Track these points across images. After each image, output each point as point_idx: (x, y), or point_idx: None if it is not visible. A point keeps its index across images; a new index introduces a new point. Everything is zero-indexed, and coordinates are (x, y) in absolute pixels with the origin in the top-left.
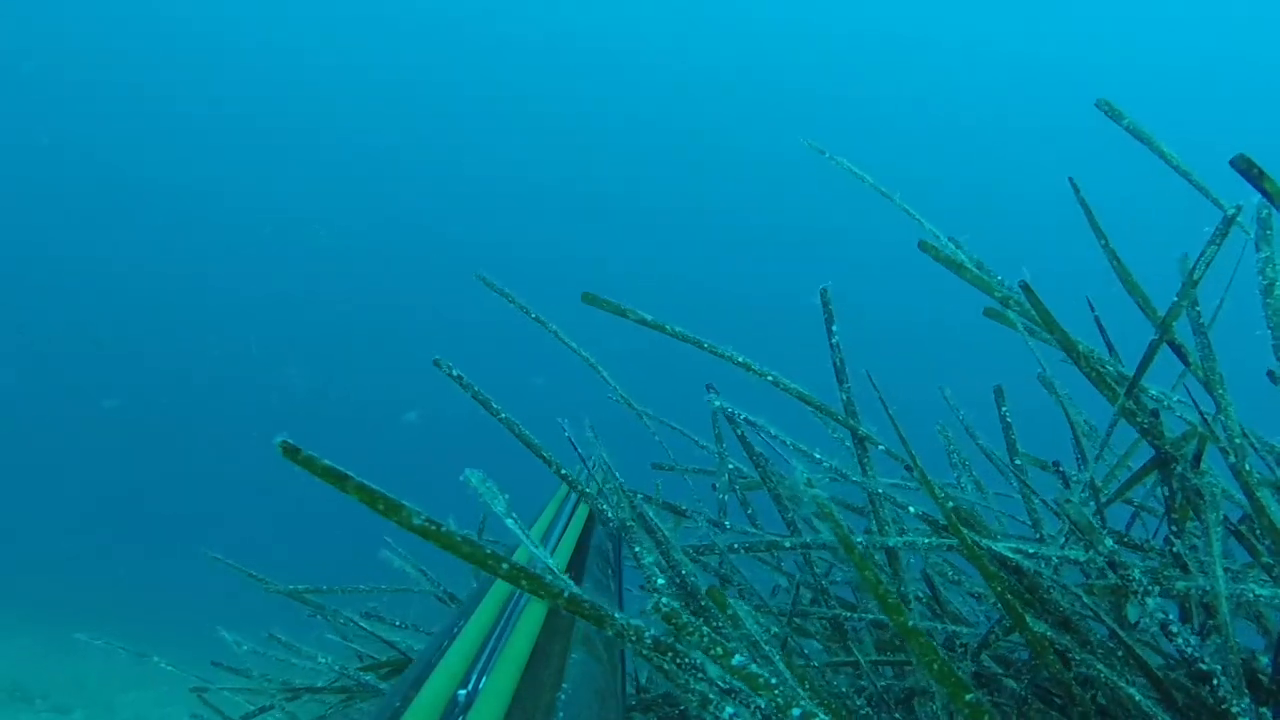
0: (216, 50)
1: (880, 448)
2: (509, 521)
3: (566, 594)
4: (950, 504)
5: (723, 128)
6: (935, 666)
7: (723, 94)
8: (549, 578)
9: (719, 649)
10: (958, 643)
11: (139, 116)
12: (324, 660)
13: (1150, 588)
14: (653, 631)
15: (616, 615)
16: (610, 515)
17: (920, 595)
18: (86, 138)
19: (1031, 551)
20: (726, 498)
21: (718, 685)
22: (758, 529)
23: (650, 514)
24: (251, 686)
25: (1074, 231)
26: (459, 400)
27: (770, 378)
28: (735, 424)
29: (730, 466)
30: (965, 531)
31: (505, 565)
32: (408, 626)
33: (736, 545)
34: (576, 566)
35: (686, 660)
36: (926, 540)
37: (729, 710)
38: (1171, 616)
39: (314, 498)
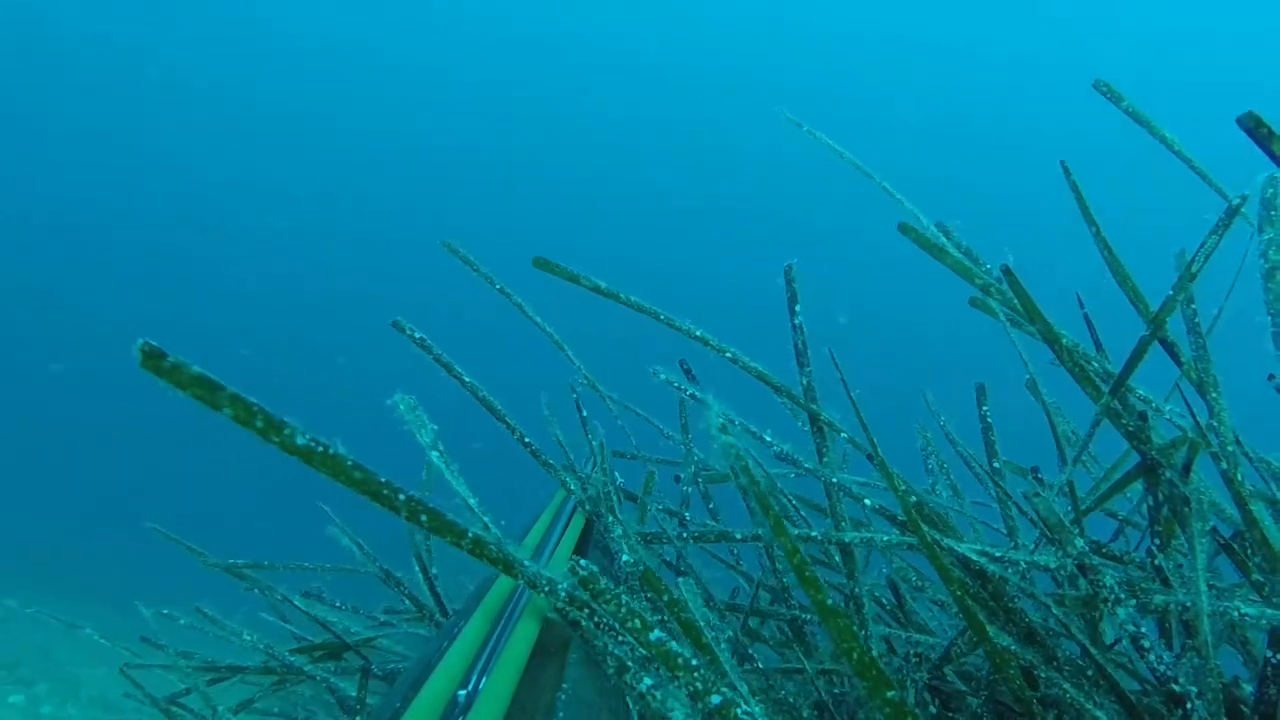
0: (204, 22)
1: (842, 435)
2: (434, 455)
3: (470, 534)
4: (913, 499)
5: (710, 120)
6: (855, 655)
7: (706, 83)
8: (450, 515)
9: (636, 621)
10: (915, 653)
11: (104, 75)
12: (249, 639)
13: (1123, 597)
14: (566, 585)
15: (526, 562)
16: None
17: (884, 601)
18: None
19: (998, 555)
20: (690, 490)
21: (639, 652)
22: (718, 524)
23: (615, 499)
24: (167, 664)
25: (1066, 238)
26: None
27: (729, 354)
28: (683, 401)
29: (697, 458)
30: (925, 529)
31: (402, 496)
32: (346, 608)
33: (687, 535)
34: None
35: (605, 621)
36: (885, 538)
37: (646, 681)
38: (1145, 631)
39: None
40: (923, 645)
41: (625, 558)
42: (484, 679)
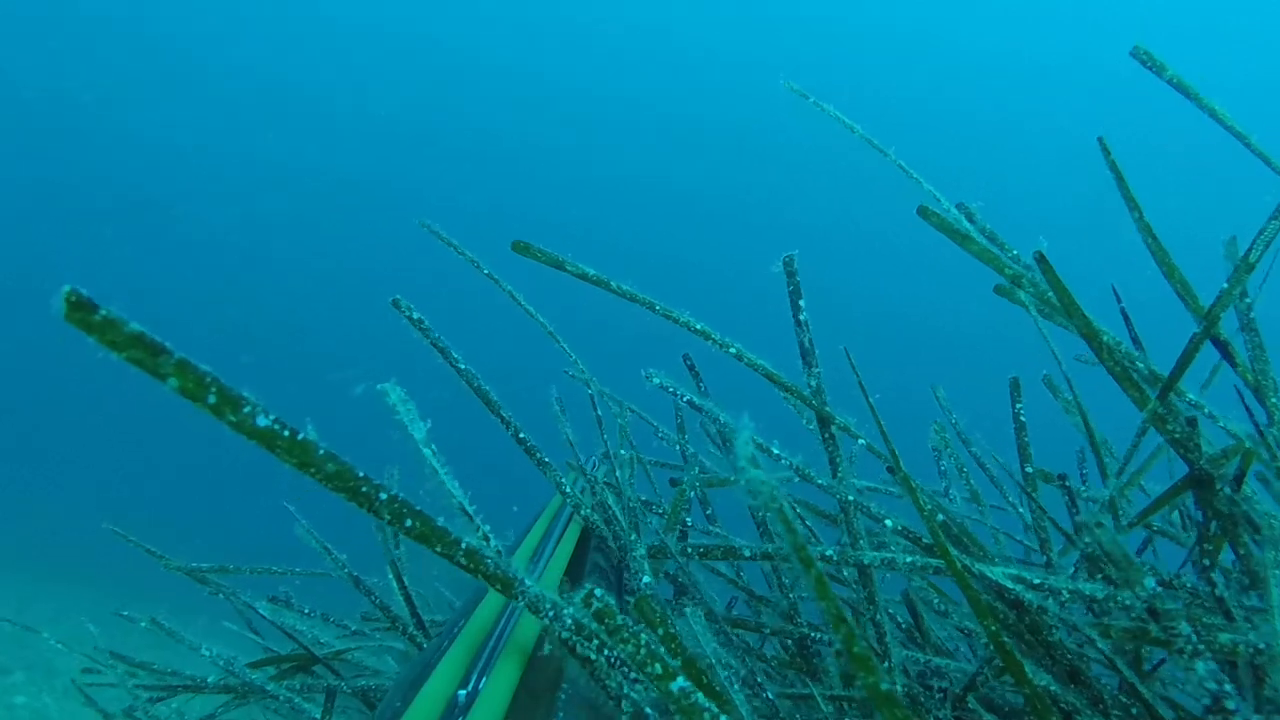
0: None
1: (860, 442)
2: (427, 451)
3: (464, 545)
4: (940, 517)
5: (715, 104)
6: (853, 650)
7: (709, 63)
8: (440, 520)
9: (657, 666)
10: (936, 683)
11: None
12: (208, 653)
13: (1201, 649)
14: (573, 613)
15: (528, 582)
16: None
17: (901, 622)
18: None
19: (1036, 582)
20: (693, 495)
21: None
22: (718, 531)
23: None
24: (116, 683)
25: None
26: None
27: (733, 350)
28: (678, 405)
29: (699, 463)
30: (954, 553)
31: (384, 494)
32: (316, 615)
33: (690, 549)
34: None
35: (617, 656)
36: (909, 559)
37: None
38: (1229, 690)
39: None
40: (944, 670)
41: (646, 579)
42: (484, 679)
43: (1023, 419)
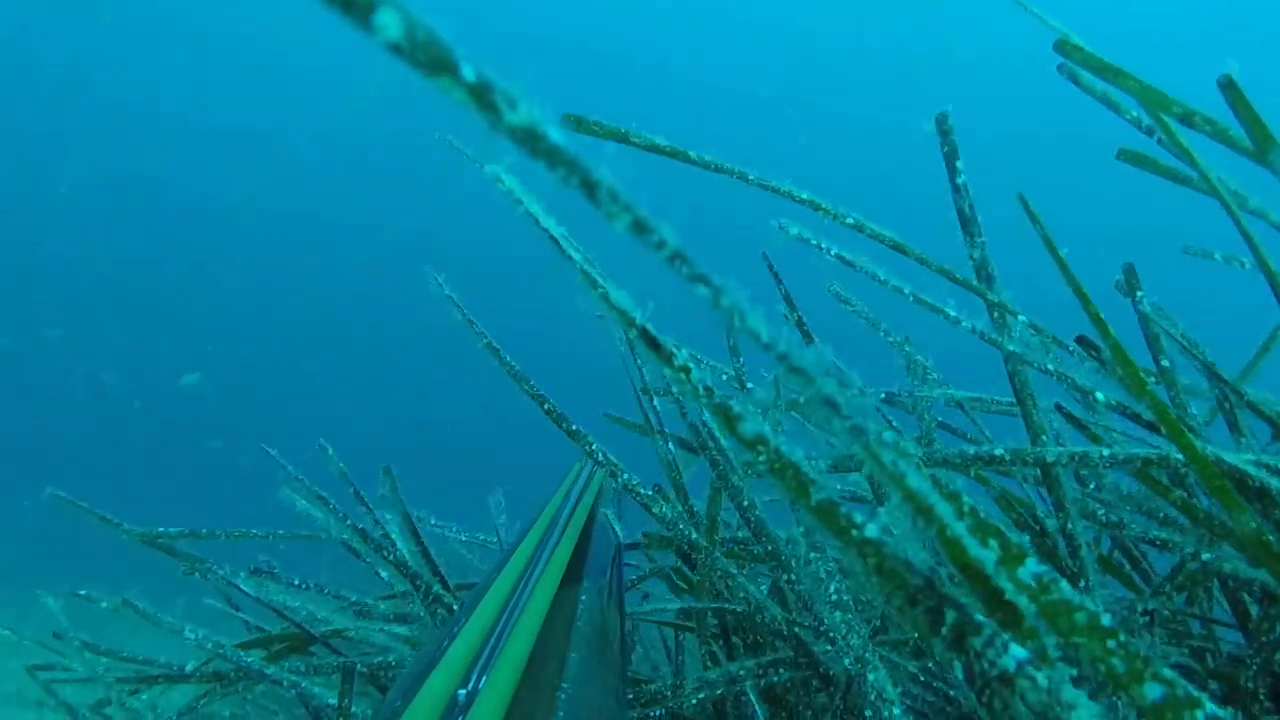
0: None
1: (1020, 318)
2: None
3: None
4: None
5: None
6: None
7: None
8: None
9: None
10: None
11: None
12: (193, 635)
13: None
14: None
15: None
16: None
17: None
18: None
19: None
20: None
21: None
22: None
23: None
24: (85, 677)
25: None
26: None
27: (850, 220)
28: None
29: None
30: (1190, 437)
31: None
32: (309, 587)
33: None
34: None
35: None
36: (1106, 451)
37: None
38: None
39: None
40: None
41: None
42: (484, 677)
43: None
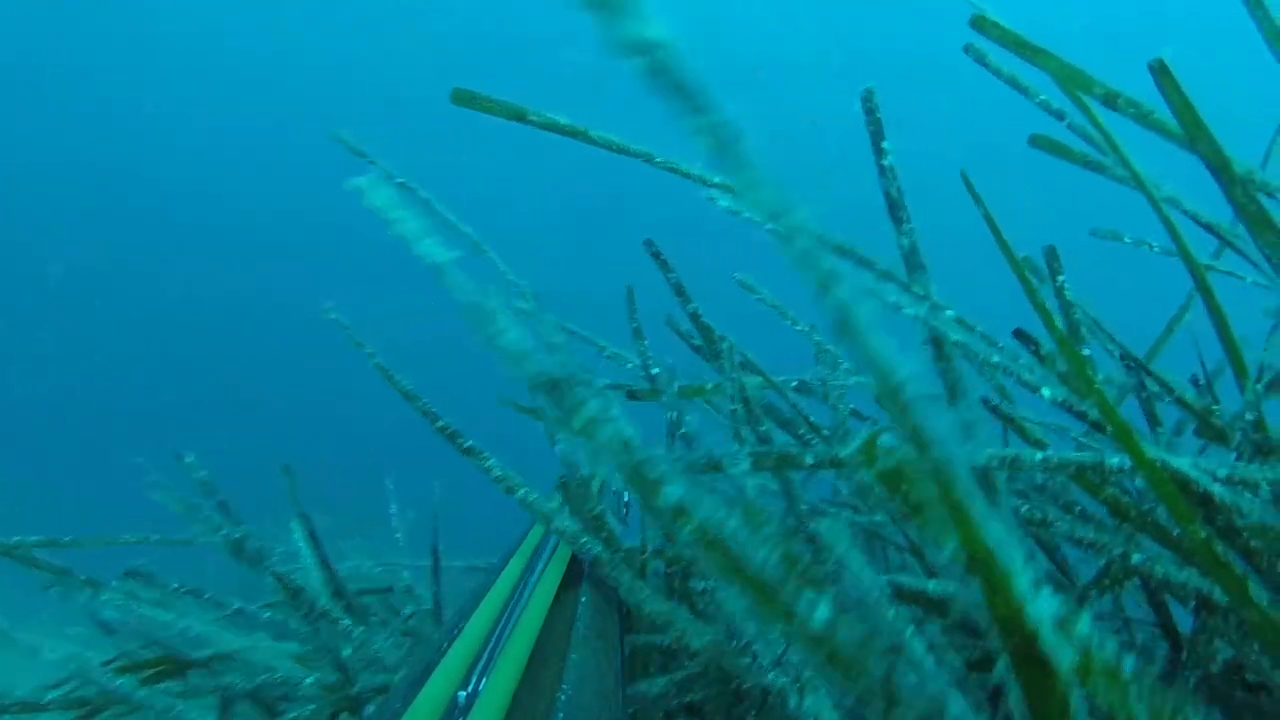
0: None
1: (949, 313)
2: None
3: None
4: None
5: None
6: None
7: None
8: None
9: None
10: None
11: None
12: (54, 655)
13: None
14: None
15: None
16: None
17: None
18: None
19: (1223, 474)
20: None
21: None
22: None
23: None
24: None
25: None
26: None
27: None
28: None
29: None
30: (1141, 444)
31: None
32: (188, 592)
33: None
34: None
35: None
36: (1040, 456)
37: None
38: None
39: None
40: None
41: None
42: (484, 679)
43: None
